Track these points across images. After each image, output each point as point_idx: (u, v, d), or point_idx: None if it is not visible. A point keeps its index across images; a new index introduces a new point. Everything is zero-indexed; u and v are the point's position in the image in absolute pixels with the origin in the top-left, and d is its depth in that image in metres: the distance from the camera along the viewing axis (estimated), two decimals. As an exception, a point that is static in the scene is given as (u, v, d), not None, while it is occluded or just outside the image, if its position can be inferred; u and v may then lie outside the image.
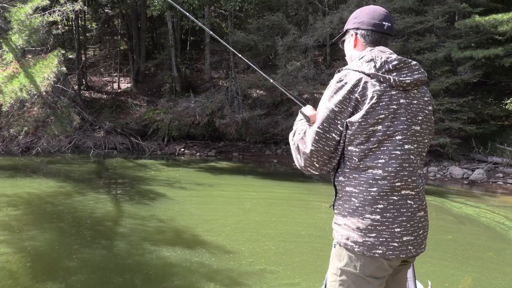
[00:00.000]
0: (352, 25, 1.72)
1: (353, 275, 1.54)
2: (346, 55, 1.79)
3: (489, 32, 11.64)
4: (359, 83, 1.52)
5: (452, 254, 4.75)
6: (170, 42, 17.81)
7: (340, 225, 1.57)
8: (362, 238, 1.50)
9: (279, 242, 4.91)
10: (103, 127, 14.63)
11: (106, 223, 5.69)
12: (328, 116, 1.54)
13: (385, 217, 1.49)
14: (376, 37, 1.68)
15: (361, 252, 1.50)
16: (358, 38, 1.70)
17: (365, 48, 1.67)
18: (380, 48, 1.63)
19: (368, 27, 1.67)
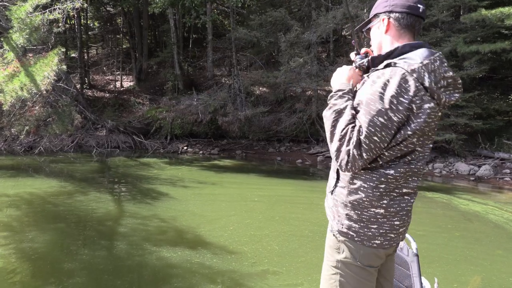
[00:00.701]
0: (383, 8, 1.59)
1: (353, 266, 1.56)
2: (373, 42, 1.66)
3: (495, 26, 11.45)
4: (419, 93, 1.41)
5: (460, 253, 4.62)
6: (172, 40, 17.72)
7: (340, 215, 1.57)
8: (363, 229, 1.53)
9: (282, 241, 4.80)
10: (106, 126, 14.57)
11: (107, 223, 5.60)
12: (385, 125, 1.42)
13: (388, 211, 1.52)
14: (411, 20, 1.56)
15: (360, 242, 1.53)
16: (391, 22, 1.58)
17: (399, 33, 1.56)
18: (432, 52, 1.48)
19: (402, 9, 1.56)
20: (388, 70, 1.42)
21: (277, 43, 13.69)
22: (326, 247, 1.66)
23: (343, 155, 1.44)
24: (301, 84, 13.43)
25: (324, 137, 14.75)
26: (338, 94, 1.53)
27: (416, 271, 2.07)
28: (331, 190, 1.62)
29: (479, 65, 11.66)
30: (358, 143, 1.42)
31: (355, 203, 1.53)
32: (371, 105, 1.41)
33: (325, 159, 13.39)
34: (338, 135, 1.45)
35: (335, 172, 1.61)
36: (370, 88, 1.43)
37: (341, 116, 1.47)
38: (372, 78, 1.46)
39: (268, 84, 14.58)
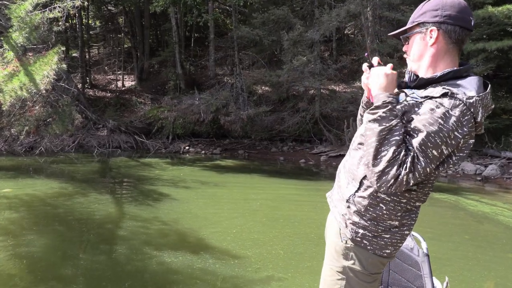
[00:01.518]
0: (432, 18, 1.44)
1: (360, 273, 1.56)
2: (412, 52, 1.52)
3: (502, 23, 11.27)
4: (471, 129, 1.36)
5: (472, 257, 4.46)
6: (174, 39, 17.58)
7: (355, 223, 1.55)
8: (376, 238, 1.53)
9: (287, 245, 4.65)
10: (107, 126, 14.44)
11: (106, 225, 5.46)
12: (436, 158, 1.37)
13: (402, 223, 1.53)
14: (463, 35, 1.44)
15: (372, 250, 1.54)
16: (441, 35, 1.43)
17: (447, 47, 1.44)
18: (483, 81, 1.43)
19: (457, 22, 1.42)
20: (447, 101, 1.33)
21: (280, 41, 13.54)
22: (331, 251, 1.63)
23: (389, 178, 1.35)
24: (304, 83, 13.28)
25: (328, 137, 14.65)
26: (388, 106, 1.39)
27: (427, 271, 2.03)
28: (348, 198, 1.57)
29: (486, 63, 11.48)
30: (410, 169, 1.35)
31: (374, 215, 1.52)
32: (430, 136, 1.33)
33: (329, 158, 13.23)
34: (388, 155, 1.35)
35: (358, 181, 1.54)
36: (430, 117, 1.34)
37: (392, 134, 1.36)
38: (429, 106, 1.36)
39: (270, 83, 14.43)
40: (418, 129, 1.35)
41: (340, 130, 13.80)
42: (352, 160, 1.59)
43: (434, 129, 1.32)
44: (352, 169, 1.58)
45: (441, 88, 1.37)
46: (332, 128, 14.13)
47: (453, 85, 1.37)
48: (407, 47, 1.54)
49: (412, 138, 1.36)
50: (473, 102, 1.33)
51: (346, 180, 1.60)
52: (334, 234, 1.62)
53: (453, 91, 1.34)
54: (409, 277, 2.11)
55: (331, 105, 13.96)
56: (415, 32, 1.49)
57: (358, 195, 1.53)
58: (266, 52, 16.25)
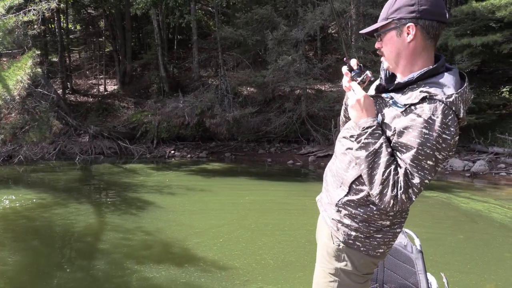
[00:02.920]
0: (409, 13, 1.36)
1: (352, 274, 1.56)
2: (388, 50, 1.45)
3: (485, 19, 11.25)
4: (456, 127, 1.34)
5: (470, 258, 4.29)
6: (156, 41, 17.23)
7: (347, 226, 1.54)
8: (369, 239, 1.53)
9: (277, 254, 4.41)
10: (89, 132, 14.01)
11: (85, 238, 5.16)
12: (433, 166, 1.34)
13: (393, 222, 1.53)
14: (440, 29, 1.40)
15: (366, 251, 1.53)
16: (419, 31, 1.37)
17: (424, 43, 1.39)
18: (461, 74, 1.42)
19: (434, 17, 1.37)
20: (427, 106, 1.31)
21: (264, 41, 13.31)
22: (323, 253, 1.61)
23: (388, 200, 1.35)
24: (290, 83, 13.08)
25: (315, 137, 14.47)
26: (368, 131, 1.39)
27: (421, 267, 2.05)
28: (337, 202, 1.55)
29: (471, 59, 11.44)
30: (406, 187, 1.33)
31: (365, 216, 1.50)
32: (419, 149, 1.30)
33: (317, 159, 13.06)
34: (379, 179, 1.36)
35: (347, 186, 1.52)
36: (414, 130, 1.31)
37: (377, 157, 1.37)
38: (410, 117, 1.33)
39: (256, 84, 14.19)
40: (405, 144, 1.33)
41: (327, 130, 13.64)
42: (341, 164, 1.56)
43: (421, 141, 1.30)
44: (341, 173, 1.56)
45: (419, 92, 1.34)
46: (319, 127, 13.97)
47: (431, 85, 1.35)
48: (380, 44, 1.48)
49: (402, 154, 1.35)
50: (453, 100, 1.31)
51: (335, 184, 1.59)
52: (325, 236, 1.60)
53: (431, 93, 1.32)
54: (404, 274, 2.11)
55: (317, 105, 13.79)
56: (390, 29, 1.42)
57: (348, 199, 1.52)
58: (251, 53, 16.01)
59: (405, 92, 1.39)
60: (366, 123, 1.40)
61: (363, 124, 1.41)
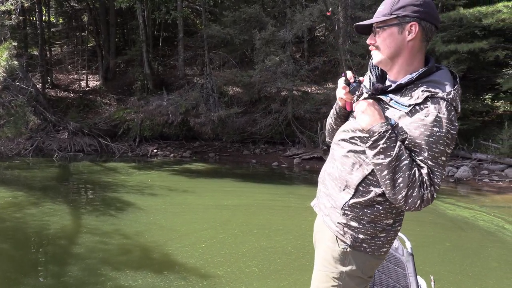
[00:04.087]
0: (413, 12, 1.40)
1: (357, 277, 1.55)
2: (385, 46, 1.46)
3: (472, 25, 11.31)
4: (457, 121, 1.40)
5: (460, 268, 4.18)
6: (141, 37, 16.83)
7: (354, 229, 1.53)
8: (374, 239, 1.53)
9: (262, 261, 4.22)
10: (68, 128, 13.56)
11: (59, 241, 4.87)
12: (446, 162, 1.40)
13: (395, 220, 1.55)
14: (434, 34, 1.47)
15: (371, 252, 1.54)
16: (420, 31, 1.42)
17: (421, 44, 1.44)
18: (452, 72, 1.47)
19: (433, 21, 1.44)
20: (432, 105, 1.36)
21: (251, 41, 13.11)
22: (325, 257, 1.58)
23: (416, 200, 1.37)
24: (276, 84, 12.92)
25: (301, 139, 14.35)
26: (386, 136, 1.38)
27: (412, 270, 2.06)
28: (342, 205, 1.54)
29: (457, 65, 11.49)
30: (430, 186, 1.37)
31: (372, 217, 1.51)
32: (434, 147, 1.36)
33: (302, 161, 12.94)
34: (406, 182, 1.36)
35: (353, 188, 1.52)
36: (425, 129, 1.35)
37: (399, 160, 1.37)
38: (418, 117, 1.37)
39: (242, 84, 13.97)
40: (419, 144, 1.37)
41: (313, 132, 13.54)
42: (343, 167, 1.55)
43: (434, 139, 1.34)
44: (344, 176, 1.54)
45: (421, 91, 1.38)
46: (305, 130, 13.85)
47: (429, 84, 1.39)
48: (374, 40, 1.49)
49: (418, 155, 1.38)
50: (453, 96, 1.37)
51: (337, 188, 1.57)
52: (328, 240, 1.58)
53: (433, 92, 1.36)
54: (394, 276, 2.11)
55: (304, 107, 13.67)
56: (392, 24, 1.43)
57: (354, 201, 1.52)
58: (237, 52, 15.78)
59: (404, 93, 1.42)
60: (381, 127, 1.39)
61: (379, 129, 1.39)
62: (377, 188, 1.48)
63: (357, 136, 1.52)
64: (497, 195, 8.83)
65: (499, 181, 10.37)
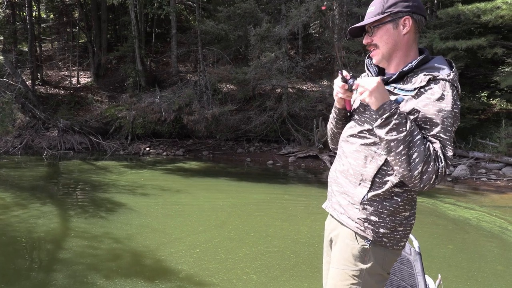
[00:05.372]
0: (404, 7, 1.50)
1: (376, 275, 1.55)
2: (383, 42, 1.54)
3: (470, 22, 11.16)
4: (459, 99, 1.49)
5: (467, 273, 3.99)
6: (133, 33, 16.49)
7: (374, 223, 1.53)
8: (393, 233, 1.53)
9: (260, 267, 4.00)
10: (58, 126, 13.22)
11: (45, 246, 4.61)
12: (453, 137, 1.45)
13: (411, 214, 1.56)
14: (424, 25, 1.59)
15: (391, 246, 1.54)
16: (413, 24, 1.52)
17: (415, 36, 1.54)
18: (446, 58, 1.56)
19: (422, 13, 1.55)
20: (436, 86, 1.43)
21: (246, 37, 12.87)
22: (344, 256, 1.57)
23: (431, 175, 1.38)
24: (271, 81, 12.68)
25: (296, 137, 14.14)
26: (397, 112, 1.41)
27: (420, 269, 2.05)
28: (361, 200, 1.54)
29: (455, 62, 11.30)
30: (445, 160, 1.40)
31: (392, 209, 1.52)
32: (445, 122, 1.41)
33: (297, 159, 12.75)
34: (422, 156, 1.37)
35: (369, 181, 1.53)
36: (433, 106, 1.42)
37: (414, 136, 1.39)
38: (425, 96, 1.44)
39: (236, 81, 13.71)
40: (430, 119, 1.41)
41: (308, 130, 13.34)
42: (356, 162, 1.57)
43: (444, 113, 1.40)
44: (358, 171, 1.56)
45: (423, 75, 1.45)
46: (300, 127, 13.64)
47: (431, 70, 1.47)
48: (370, 39, 1.57)
49: (430, 130, 1.42)
50: (453, 77, 1.44)
51: (352, 184, 1.58)
52: (347, 238, 1.58)
53: (434, 75, 1.43)
54: (402, 276, 2.10)
55: (299, 104, 13.45)
56: (386, 22, 1.51)
57: (372, 194, 1.53)
58: (231, 48, 15.50)
59: (406, 81, 1.49)
60: (392, 104, 1.42)
61: (390, 106, 1.41)
62: (392, 177, 1.50)
63: (365, 130, 1.56)
64: (496, 194, 8.70)
65: (496, 180, 10.26)
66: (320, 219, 6.10)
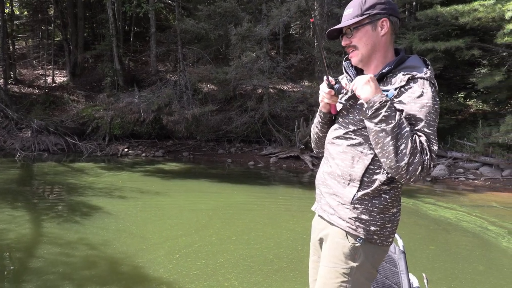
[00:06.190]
0: (382, 10, 1.56)
1: (366, 272, 1.58)
2: (363, 44, 1.58)
3: (448, 24, 11.31)
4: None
5: (452, 275, 3.96)
6: (111, 32, 16.12)
7: (365, 222, 1.56)
8: (382, 230, 1.57)
9: (242, 272, 3.87)
10: (32, 126, 12.77)
11: (15, 254, 4.36)
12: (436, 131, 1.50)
13: (398, 210, 1.61)
14: (399, 27, 1.65)
15: (381, 243, 1.57)
16: (390, 25, 1.58)
17: (391, 37, 1.60)
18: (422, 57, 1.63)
19: (398, 15, 1.61)
20: (415, 85, 1.49)
21: (227, 36, 12.72)
22: (335, 254, 1.59)
23: (417, 167, 1.42)
24: (252, 81, 12.57)
25: (277, 137, 14.07)
26: (387, 105, 1.45)
27: (404, 268, 2.09)
28: (351, 200, 1.57)
29: (433, 64, 11.48)
30: (430, 153, 1.44)
31: (381, 207, 1.56)
32: (428, 116, 1.46)
33: (278, 160, 12.67)
34: (408, 147, 1.42)
35: (358, 181, 1.56)
36: (415, 102, 1.47)
37: (402, 128, 1.44)
38: (407, 95, 1.49)
39: (217, 81, 13.54)
40: (414, 115, 1.46)
41: (290, 130, 13.29)
42: (344, 163, 1.60)
43: (426, 108, 1.45)
44: (347, 171, 1.59)
45: (402, 75, 1.51)
46: (281, 128, 13.58)
47: (408, 69, 1.53)
48: (349, 41, 1.60)
49: (414, 126, 1.46)
50: (430, 75, 1.51)
51: (341, 185, 1.61)
52: (337, 236, 1.60)
53: (412, 74, 1.49)
54: (386, 274, 2.12)
55: (280, 105, 13.39)
56: (365, 23, 1.56)
57: (362, 193, 1.56)
58: (212, 48, 15.32)
59: (386, 82, 1.55)
60: (382, 97, 1.46)
61: (380, 99, 1.45)
62: (380, 175, 1.53)
63: (350, 131, 1.59)
64: (474, 193, 8.83)
65: (474, 179, 10.43)
66: (302, 221, 6.02)
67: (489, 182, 10.06)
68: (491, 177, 10.35)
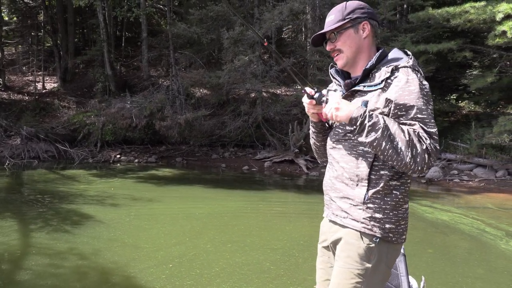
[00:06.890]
0: (362, 14, 1.63)
1: (381, 272, 1.59)
2: (347, 46, 1.64)
3: (440, 26, 11.35)
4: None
5: (453, 280, 3.88)
6: (102, 37, 15.98)
7: (380, 220, 1.56)
8: (397, 227, 1.58)
9: (238, 282, 3.75)
10: (21, 133, 12.56)
11: (1, 266, 4.20)
12: (433, 115, 1.51)
13: (408, 205, 1.63)
14: (378, 30, 1.73)
15: (396, 240, 1.58)
16: (371, 28, 1.65)
17: (373, 40, 1.66)
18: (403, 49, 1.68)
19: (377, 18, 1.68)
20: (399, 74, 1.52)
21: (219, 40, 12.64)
22: (350, 255, 1.59)
23: (422, 156, 1.43)
24: (246, 85, 12.49)
25: (271, 141, 13.98)
26: (366, 115, 1.48)
27: (404, 270, 2.09)
28: (363, 200, 1.58)
29: (426, 66, 11.50)
30: (429, 137, 1.45)
31: (393, 203, 1.57)
32: (418, 102, 1.47)
33: (273, 164, 12.59)
34: (405, 143, 1.43)
35: (366, 180, 1.57)
36: (402, 90, 1.49)
37: (389, 129, 1.45)
38: (394, 85, 1.52)
39: (210, 85, 13.45)
40: (404, 104, 1.47)
41: (284, 134, 13.21)
42: (349, 165, 1.62)
43: (414, 95, 1.47)
44: (354, 172, 1.61)
45: (386, 68, 1.55)
46: (275, 132, 13.50)
47: (391, 61, 1.57)
48: (333, 45, 1.65)
49: (407, 114, 1.48)
50: (412, 63, 1.55)
51: (350, 187, 1.62)
52: (351, 238, 1.60)
53: (395, 64, 1.54)
54: None
55: (274, 109, 13.32)
56: (347, 27, 1.62)
57: (372, 191, 1.57)
58: (204, 52, 15.23)
59: (371, 78, 1.59)
60: (359, 110, 1.49)
61: (358, 112, 1.48)
62: (386, 171, 1.55)
63: (348, 132, 1.62)
64: (469, 195, 8.80)
65: (468, 180, 10.43)
66: (298, 226, 5.93)
67: (483, 183, 10.06)
68: (485, 178, 10.35)
